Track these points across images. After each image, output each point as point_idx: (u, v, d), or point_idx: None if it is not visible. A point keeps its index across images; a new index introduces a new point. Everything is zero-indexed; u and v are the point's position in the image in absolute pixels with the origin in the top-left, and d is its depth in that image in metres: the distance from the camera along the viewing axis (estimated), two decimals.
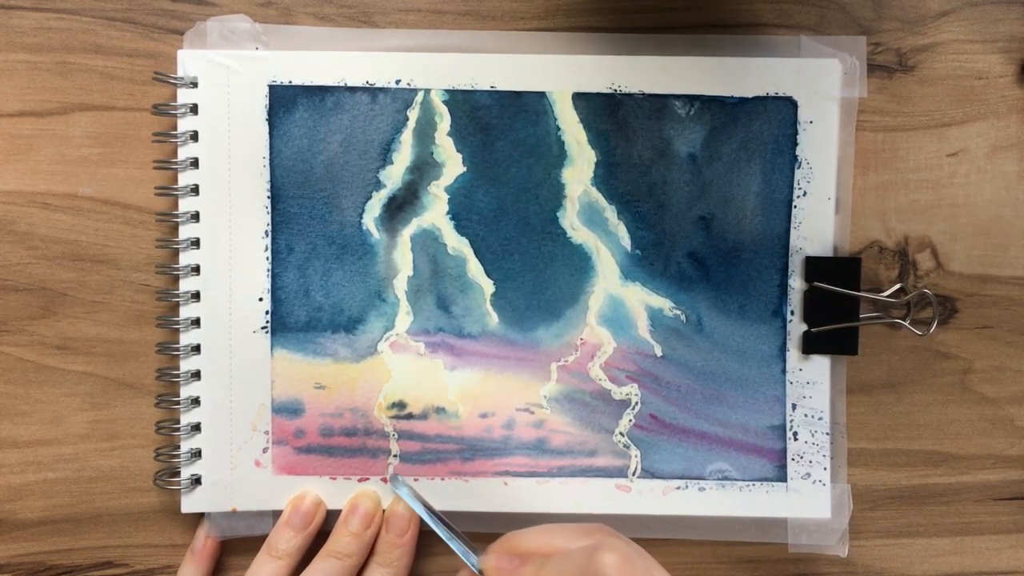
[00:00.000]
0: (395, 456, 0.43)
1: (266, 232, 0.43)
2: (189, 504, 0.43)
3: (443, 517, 0.41)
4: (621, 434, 0.43)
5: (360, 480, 0.43)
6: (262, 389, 0.43)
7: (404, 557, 0.42)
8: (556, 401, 0.43)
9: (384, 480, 0.43)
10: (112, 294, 0.43)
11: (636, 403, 0.43)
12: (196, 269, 0.42)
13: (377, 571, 0.41)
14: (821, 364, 0.43)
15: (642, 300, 0.43)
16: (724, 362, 0.43)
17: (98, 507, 0.44)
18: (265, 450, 0.43)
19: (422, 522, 0.42)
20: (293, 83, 0.42)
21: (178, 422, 0.43)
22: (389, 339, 0.43)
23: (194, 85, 0.42)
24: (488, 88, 0.42)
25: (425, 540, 0.44)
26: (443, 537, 0.40)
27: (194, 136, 0.42)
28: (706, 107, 0.42)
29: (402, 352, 0.43)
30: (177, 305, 0.43)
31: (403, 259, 0.43)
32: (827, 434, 0.43)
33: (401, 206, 0.43)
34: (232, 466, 0.43)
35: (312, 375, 0.43)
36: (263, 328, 0.43)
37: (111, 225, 0.43)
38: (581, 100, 0.42)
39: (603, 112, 0.42)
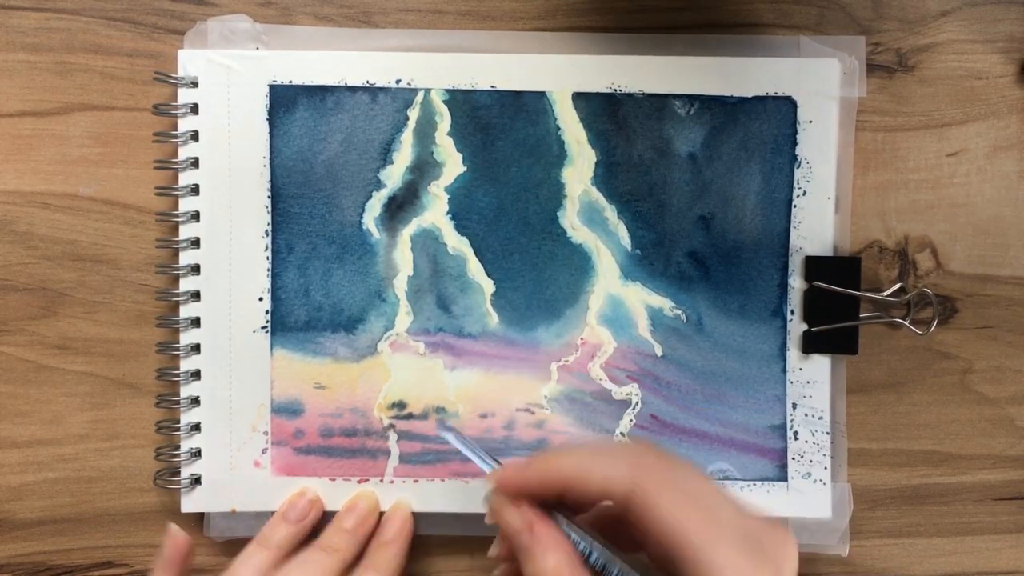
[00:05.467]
0: (395, 456, 0.43)
1: (266, 232, 0.43)
2: (189, 504, 0.43)
3: (495, 458, 0.36)
4: (622, 434, 0.43)
5: (359, 481, 0.43)
6: (262, 389, 0.43)
7: (395, 561, 0.41)
8: (556, 401, 0.43)
9: (383, 480, 0.43)
10: (112, 294, 0.43)
11: (637, 403, 0.43)
12: (196, 269, 0.42)
13: (367, 574, 0.40)
14: (821, 364, 0.43)
15: (642, 300, 0.43)
16: (724, 362, 0.43)
17: (98, 507, 0.44)
18: (264, 451, 0.43)
19: (417, 524, 0.42)
20: (293, 83, 0.42)
21: (178, 422, 0.43)
22: (389, 339, 0.43)
23: (194, 85, 0.42)
24: (488, 88, 0.42)
25: (424, 541, 0.43)
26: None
27: (194, 136, 0.42)
28: (706, 107, 0.42)
29: (402, 352, 0.43)
30: (177, 305, 0.43)
31: (403, 259, 0.43)
32: (827, 433, 0.43)
33: (401, 206, 0.43)
34: (231, 466, 0.43)
35: (312, 375, 0.43)
36: (263, 328, 0.43)
37: (111, 225, 0.43)
38: (581, 100, 0.42)
39: (603, 112, 0.42)
